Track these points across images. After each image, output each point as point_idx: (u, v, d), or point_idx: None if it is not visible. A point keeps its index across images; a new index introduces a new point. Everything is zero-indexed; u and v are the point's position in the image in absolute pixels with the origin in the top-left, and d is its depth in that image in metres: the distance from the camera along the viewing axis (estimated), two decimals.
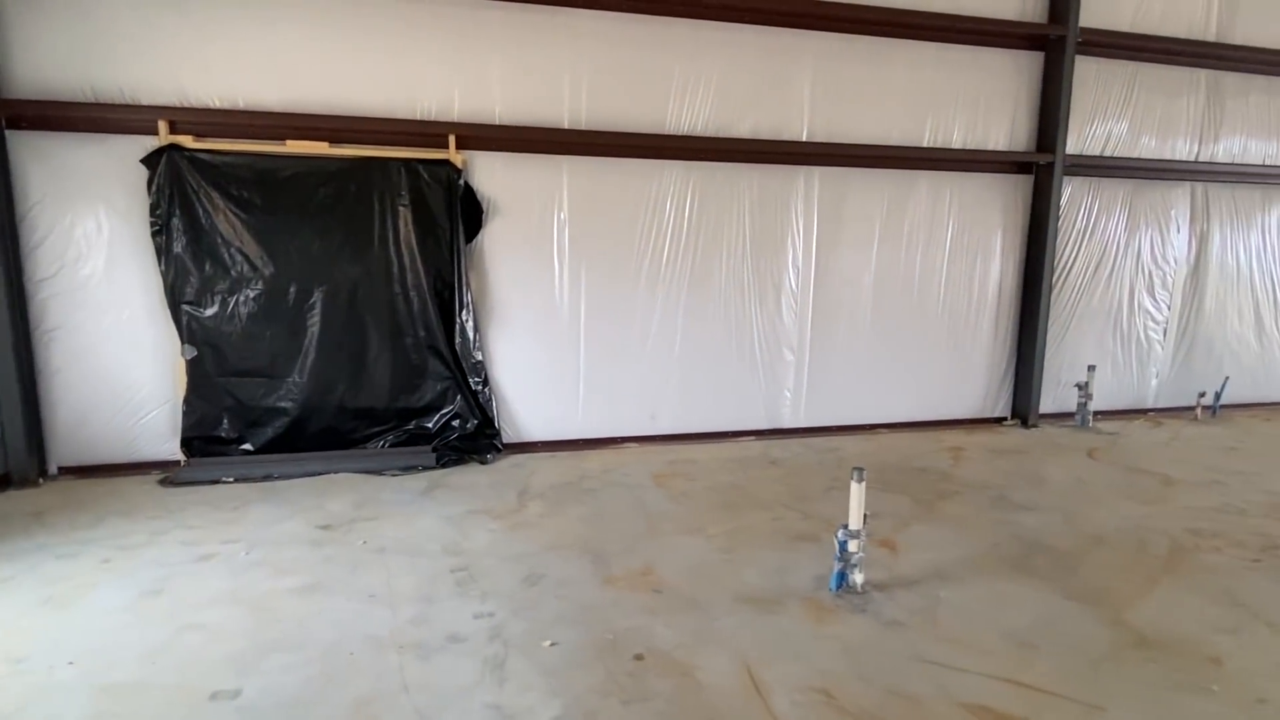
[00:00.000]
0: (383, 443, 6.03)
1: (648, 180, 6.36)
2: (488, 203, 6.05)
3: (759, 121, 6.51)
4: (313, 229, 5.66)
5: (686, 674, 3.11)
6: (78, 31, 5.16)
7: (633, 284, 6.47)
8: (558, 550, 4.34)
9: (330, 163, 5.66)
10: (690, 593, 3.84)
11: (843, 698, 2.95)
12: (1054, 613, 3.68)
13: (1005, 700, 2.94)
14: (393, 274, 5.88)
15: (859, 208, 6.91)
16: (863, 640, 3.39)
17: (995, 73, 7.04)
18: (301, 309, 5.73)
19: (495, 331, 6.23)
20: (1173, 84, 7.56)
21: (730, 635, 3.42)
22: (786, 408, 7.05)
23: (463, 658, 3.20)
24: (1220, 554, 4.41)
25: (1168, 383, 8.16)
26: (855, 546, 3.84)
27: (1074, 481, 5.80)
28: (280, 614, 3.56)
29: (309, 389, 5.82)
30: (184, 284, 5.49)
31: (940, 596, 3.83)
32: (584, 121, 6.12)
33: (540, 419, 6.44)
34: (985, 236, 7.31)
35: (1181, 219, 7.87)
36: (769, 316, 6.84)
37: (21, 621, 3.48)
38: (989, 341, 7.52)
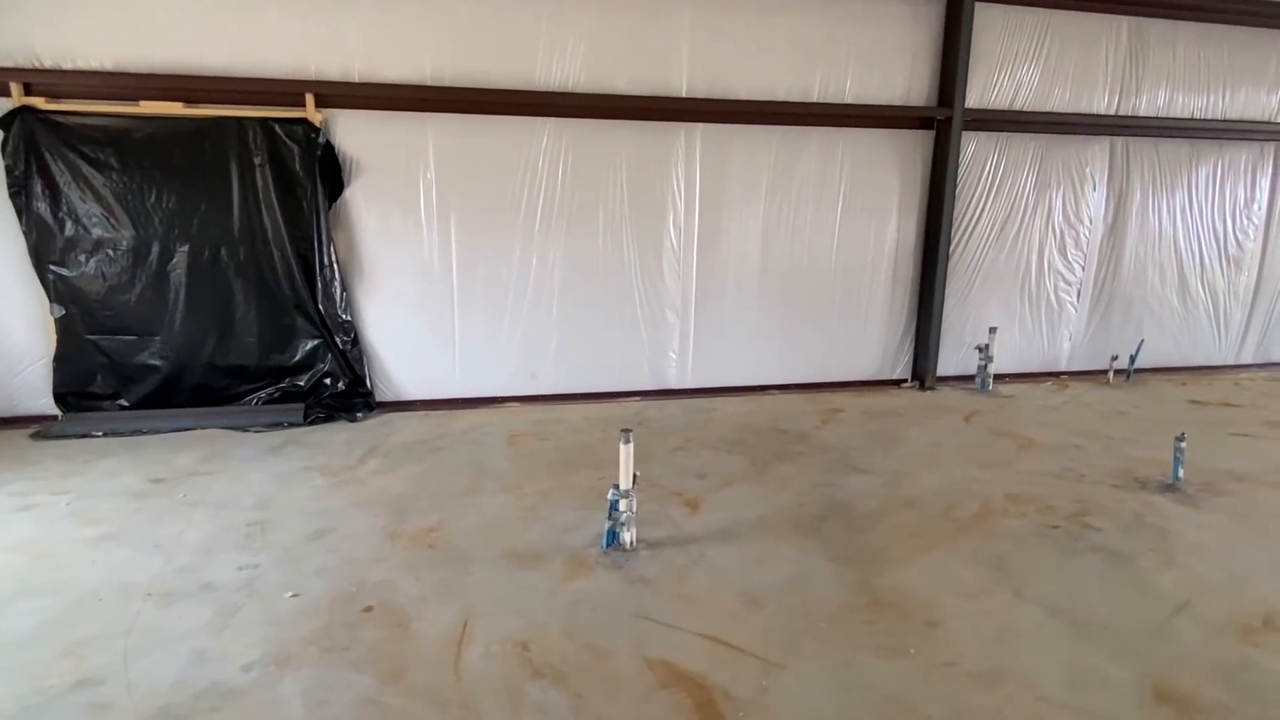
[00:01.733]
0: (256, 400, 6.20)
1: (519, 138, 6.30)
2: (351, 162, 6.06)
3: (636, 77, 6.38)
4: (172, 189, 5.73)
5: (403, 625, 3.23)
6: None
7: (508, 244, 6.47)
8: (365, 506, 4.48)
9: (186, 123, 5.69)
10: (463, 548, 3.95)
11: (537, 650, 3.05)
12: (808, 574, 3.73)
13: (692, 656, 3.02)
14: (255, 233, 5.94)
15: (744, 166, 6.78)
16: (599, 596, 3.49)
17: (891, 22, 6.78)
18: (165, 268, 5.84)
19: (365, 291, 6.30)
20: (1090, 32, 7.21)
21: (473, 589, 3.53)
22: (673, 369, 7.06)
23: (202, 605, 3.36)
24: (1024, 520, 4.40)
25: (1082, 346, 7.99)
26: (625, 506, 3.91)
27: (930, 445, 5.77)
28: (60, 562, 3.75)
29: (178, 347, 5.98)
30: (47, 244, 5.63)
31: (706, 555, 3.90)
32: (448, 78, 6.05)
33: (416, 378, 6.55)
34: (881, 194, 7.14)
35: (1098, 176, 7.59)
36: (651, 278, 6.81)
37: None
38: (886, 302, 7.41)
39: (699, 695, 2.80)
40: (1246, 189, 8.02)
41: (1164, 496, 4.76)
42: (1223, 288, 8.20)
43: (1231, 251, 8.12)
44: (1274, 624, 3.32)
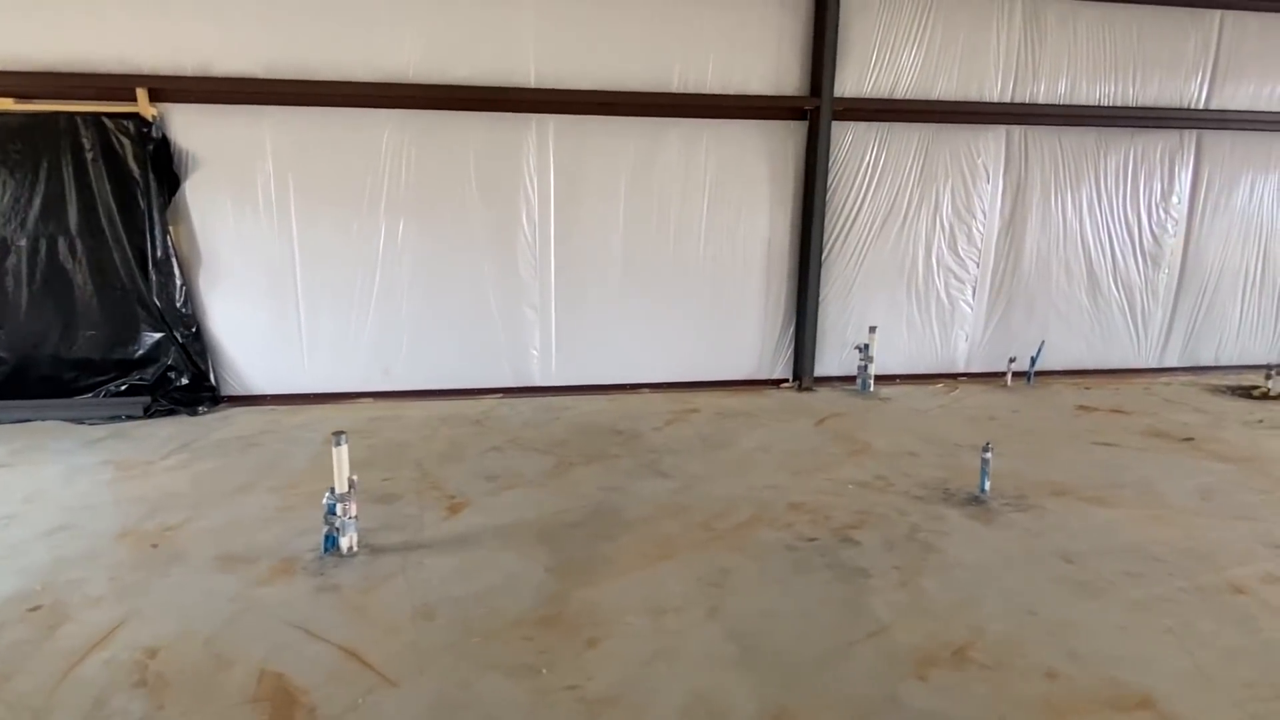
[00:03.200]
0: (104, 392, 6.27)
1: (360, 129, 6.23)
2: (188, 156, 6.06)
3: (479, 66, 6.25)
4: (6, 184, 5.81)
5: (54, 627, 3.19)
6: None
7: (353, 238, 6.41)
8: (126, 503, 4.47)
9: (16, 118, 5.76)
10: (183, 549, 3.91)
11: (162, 658, 2.98)
12: (511, 585, 3.58)
13: (311, 670, 2.91)
14: (92, 227, 6.00)
15: (601, 158, 6.60)
16: (273, 603, 3.40)
17: (756, 6, 6.51)
18: (3, 262, 5.93)
19: (207, 284, 6.31)
20: (979, 13, 6.84)
21: (155, 592, 3.48)
22: (535, 366, 6.94)
23: None
24: (784, 531, 4.18)
25: (981, 346, 7.63)
26: (341, 510, 3.82)
27: (756, 449, 5.56)
28: None
29: (21, 339, 6.07)
30: None
31: (421, 563, 3.78)
32: (282, 70, 6.00)
33: (264, 372, 6.55)
34: (750, 187, 6.89)
35: (993, 167, 7.21)
36: (506, 273, 6.69)
37: None
38: (761, 300, 7.16)
39: (283, 711, 2.70)
40: (1164, 181, 7.53)
41: (960, 510, 4.48)
42: (1139, 286, 7.73)
43: (1148, 248, 7.64)
44: (965, 655, 3.07)
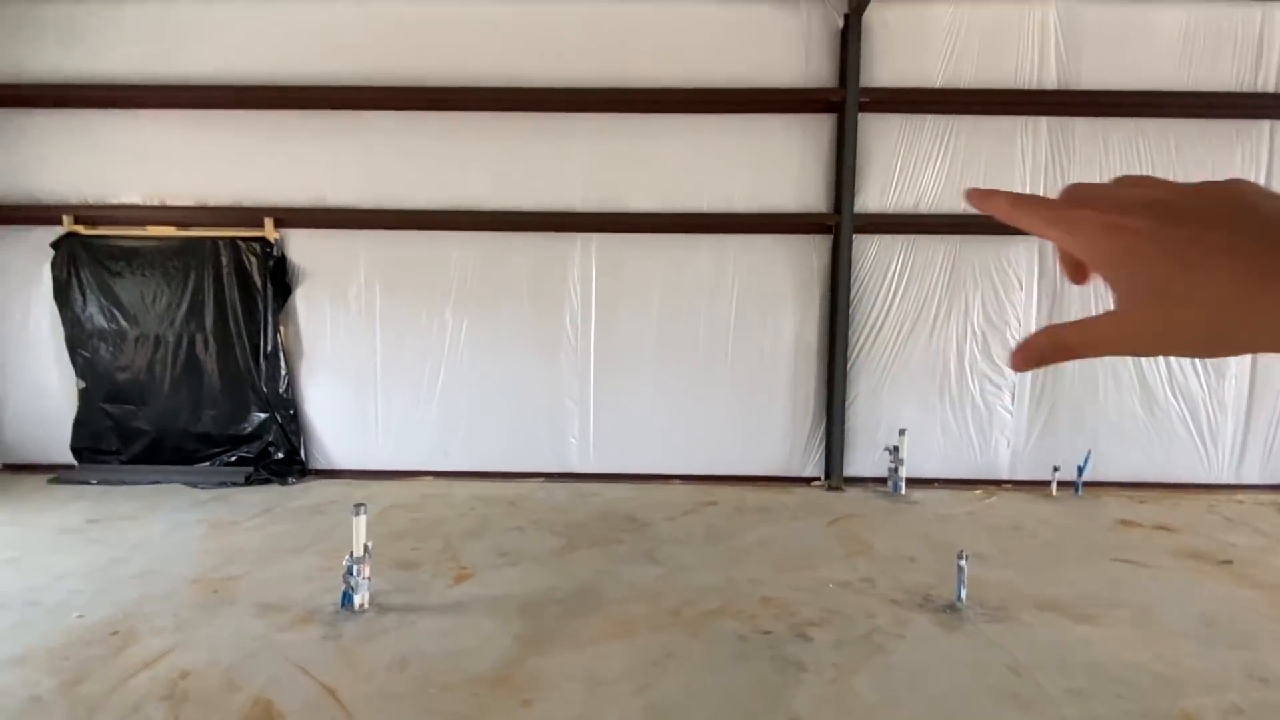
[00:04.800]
0: (216, 462, 7.53)
1: (435, 248, 7.37)
2: (298, 270, 7.41)
3: (534, 195, 7.28)
4: (164, 292, 7.37)
5: (124, 649, 4.04)
6: (10, 153, 7.32)
7: (424, 337, 7.46)
8: (206, 554, 5.43)
9: (175, 241, 7.35)
10: (235, 596, 4.74)
11: (192, 680, 3.72)
12: (479, 648, 4.09)
13: (291, 699, 3.54)
14: (224, 327, 7.40)
15: (637, 270, 7.37)
16: (286, 645, 4.10)
17: (780, 135, 7.20)
18: (156, 353, 7.42)
19: (306, 374, 7.53)
20: (1001, 130, 7.16)
21: (201, 629, 4.28)
22: (574, 453, 7.58)
23: (13, 614, 4.40)
24: (744, 622, 4.44)
25: (1024, 453, 7.47)
26: (356, 572, 4.53)
27: (756, 543, 5.81)
28: None
29: (162, 415, 7.48)
30: (78, 334, 7.41)
31: (414, 623, 4.39)
32: (376, 202, 7.30)
33: (344, 450, 7.60)
34: (776, 295, 7.38)
35: (1025, 276, 7.30)
36: (550, 368, 7.47)
37: None
38: (788, 399, 7.49)
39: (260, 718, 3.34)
40: None
41: (930, 616, 4.54)
42: (1202, 396, 7.35)
43: None
44: None
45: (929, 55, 7.07)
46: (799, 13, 7.03)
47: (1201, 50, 7.07)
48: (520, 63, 7.06)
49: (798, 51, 7.07)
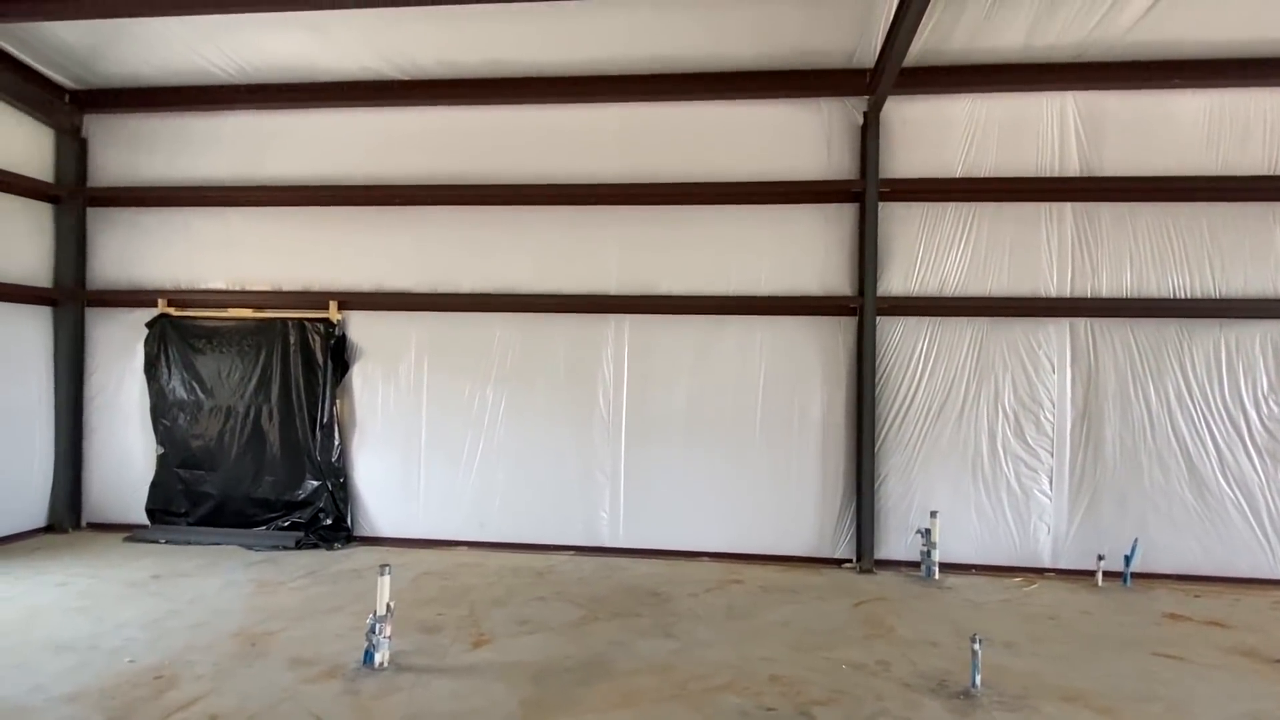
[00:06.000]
0: (271, 526, 8.02)
1: (480, 327, 7.91)
2: (356, 347, 8.05)
3: (572, 280, 7.78)
4: (237, 367, 8.10)
5: (165, 691, 4.37)
6: (123, 248, 8.36)
7: (466, 411, 7.91)
8: (250, 611, 5.79)
9: (250, 323, 8.13)
10: (270, 649, 5.05)
11: None
12: (487, 710, 4.24)
13: None
14: (287, 399, 8.04)
15: (667, 349, 7.69)
16: (307, 696, 4.35)
17: (804, 223, 7.55)
18: (227, 422, 8.10)
19: (357, 445, 8.04)
20: (1024, 216, 7.31)
21: (236, 676, 4.59)
22: (604, 528, 7.74)
23: (75, 657, 4.80)
24: (749, 698, 4.44)
25: (1067, 540, 7.21)
26: (378, 630, 4.79)
27: (776, 623, 5.78)
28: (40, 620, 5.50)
29: (227, 481, 8.08)
30: (160, 404, 8.19)
31: (429, 684, 4.57)
32: (428, 286, 7.94)
33: (388, 518, 7.99)
34: (802, 375, 7.54)
35: (1056, 358, 7.25)
36: (583, 443, 7.76)
37: None
38: (817, 479, 7.51)
39: None
40: (1271, 373, 7.02)
41: (942, 702, 4.43)
42: (1259, 484, 6.99)
43: (1262, 443, 6.99)
44: None
45: (949, 146, 7.37)
46: (820, 111, 7.50)
47: (1229, 133, 7.13)
48: (560, 160, 7.73)
49: (819, 146, 7.49)
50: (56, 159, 8.19)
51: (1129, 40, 6.67)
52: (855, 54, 7.07)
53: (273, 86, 7.83)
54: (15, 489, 7.85)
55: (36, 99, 7.77)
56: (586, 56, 7.28)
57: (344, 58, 7.41)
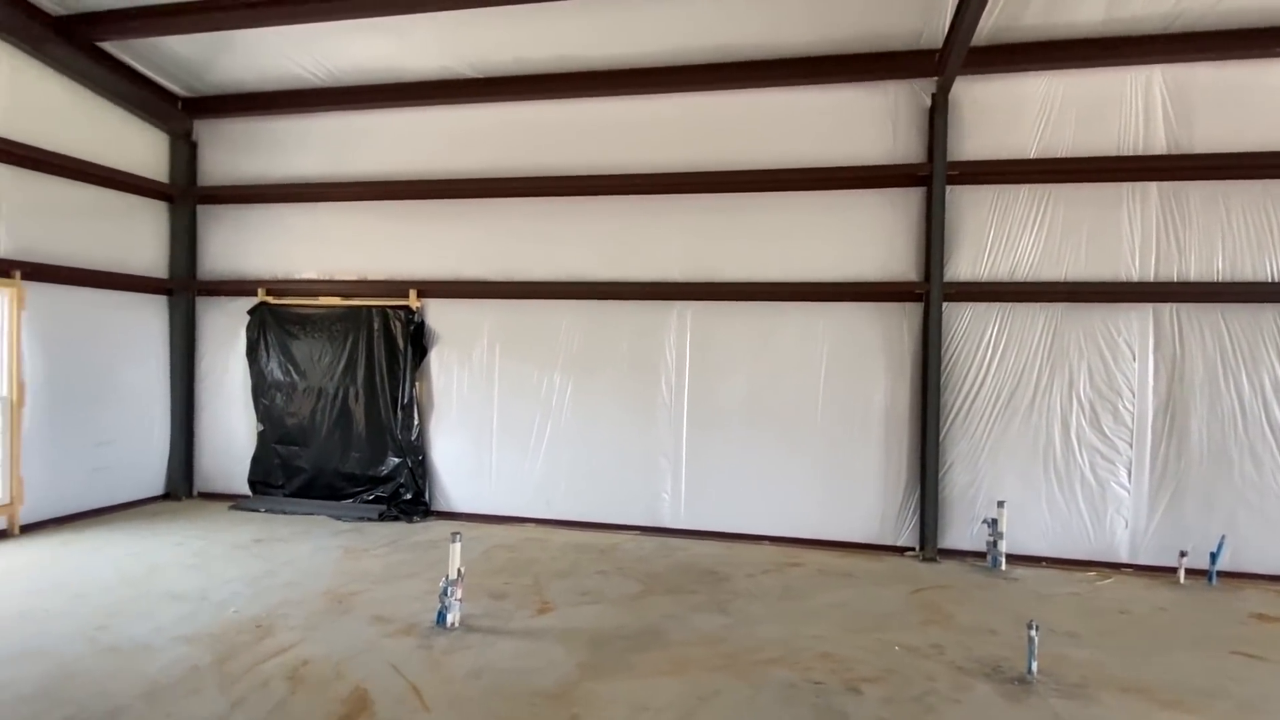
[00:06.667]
0: (357, 499, 8.62)
1: (548, 314, 8.24)
2: (434, 333, 8.53)
3: (636, 268, 7.98)
4: (330, 351, 8.73)
5: (264, 639, 4.87)
6: (228, 242, 9.13)
7: (533, 396, 8.26)
8: (338, 575, 6.30)
9: (339, 310, 8.74)
10: (356, 607, 5.51)
11: (310, 668, 4.44)
12: (543, 668, 4.52)
13: (385, 691, 4.13)
14: (371, 381, 8.61)
15: (729, 335, 7.79)
16: (387, 649, 4.75)
17: (868, 208, 7.48)
18: (318, 402, 8.75)
19: (434, 425, 8.53)
20: (1103, 198, 7.00)
21: (325, 629, 5.05)
22: (666, 509, 7.94)
23: (187, 606, 5.40)
24: (795, 671, 4.55)
25: (1147, 535, 6.92)
26: (450, 593, 5.16)
27: (831, 605, 5.84)
28: (160, 575, 6.18)
29: (318, 456, 8.74)
30: (260, 384, 8.92)
31: (494, 644, 4.90)
32: (500, 275, 8.32)
33: (461, 495, 8.45)
34: (865, 361, 7.49)
35: (1138, 345, 6.94)
36: (645, 428, 7.97)
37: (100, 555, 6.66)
38: (879, 467, 7.46)
39: (356, 711, 3.94)
40: None
41: (995, 686, 4.42)
42: None
43: None
44: None
45: (1022, 126, 7.14)
46: (885, 94, 7.40)
47: None
48: (624, 151, 7.92)
49: (884, 130, 7.40)
50: (171, 161, 9.01)
51: (1222, 8, 6.30)
52: (923, 34, 6.94)
53: (358, 88, 8.37)
54: (139, 460, 8.75)
55: (154, 107, 8.56)
56: (648, 49, 7.44)
57: (422, 59, 7.84)
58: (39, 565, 6.37)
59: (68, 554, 6.71)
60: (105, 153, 8.12)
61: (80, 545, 6.99)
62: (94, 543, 7.08)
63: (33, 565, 6.37)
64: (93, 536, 7.30)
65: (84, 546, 6.95)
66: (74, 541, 7.11)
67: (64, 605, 5.41)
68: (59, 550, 6.82)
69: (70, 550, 6.82)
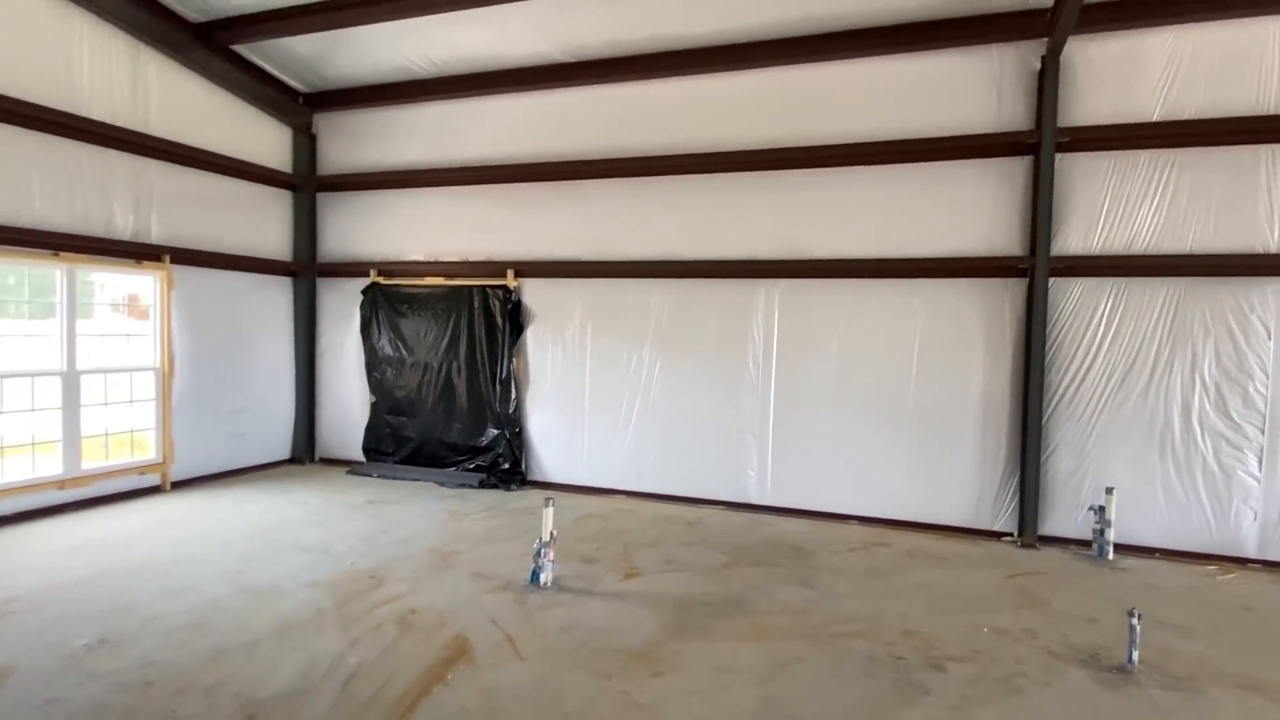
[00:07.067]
0: (459, 467, 9.17)
1: (638, 293, 8.41)
2: (530, 311, 8.89)
3: (724, 247, 8.01)
4: (434, 328, 9.28)
5: (376, 588, 5.34)
6: (343, 226, 9.83)
7: (623, 373, 8.48)
8: (441, 535, 6.77)
9: (442, 289, 9.25)
10: (459, 564, 5.93)
11: (416, 616, 4.85)
12: (628, 628, 4.74)
13: (483, 637, 4.47)
14: (472, 357, 9.09)
15: (818, 313, 7.70)
16: (485, 603, 5.11)
17: (968, 179, 7.17)
18: (424, 376, 9.33)
19: (530, 399, 8.93)
20: (1236, 161, 6.42)
21: (430, 582, 5.48)
22: (752, 485, 8.00)
23: (310, 556, 5.98)
24: (881, 646, 4.56)
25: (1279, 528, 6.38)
26: (543, 554, 5.46)
27: (918, 585, 5.76)
28: (285, 528, 6.85)
29: (424, 427, 9.34)
30: (372, 359, 9.61)
31: (584, 603, 5.17)
32: (591, 255, 8.56)
33: (555, 466, 8.82)
34: (962, 340, 7.23)
35: (1274, 323, 6.35)
36: (732, 405, 8.03)
37: (237, 510, 7.47)
38: (976, 449, 7.21)
39: (457, 656, 4.29)
40: None
41: (1090, 673, 4.27)
42: None
43: None
44: None
45: (1143, 87, 6.63)
46: (990, 58, 7.05)
47: None
48: (714, 129, 7.94)
49: (987, 96, 7.06)
50: (294, 153, 9.77)
51: None
52: None
53: (458, 78, 8.77)
54: (268, 427, 9.64)
55: (280, 103, 9.30)
56: (739, 23, 7.38)
57: (518, 45, 8.12)
58: (186, 517, 7.20)
59: (210, 508, 7.54)
60: (238, 146, 8.91)
61: (220, 501, 7.83)
62: (231, 499, 7.91)
63: (181, 517, 7.20)
64: (230, 494, 8.15)
65: (223, 502, 7.78)
66: (215, 498, 7.97)
67: (208, 552, 6.12)
68: (203, 504, 7.67)
69: (212, 505, 7.66)
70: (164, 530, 6.73)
